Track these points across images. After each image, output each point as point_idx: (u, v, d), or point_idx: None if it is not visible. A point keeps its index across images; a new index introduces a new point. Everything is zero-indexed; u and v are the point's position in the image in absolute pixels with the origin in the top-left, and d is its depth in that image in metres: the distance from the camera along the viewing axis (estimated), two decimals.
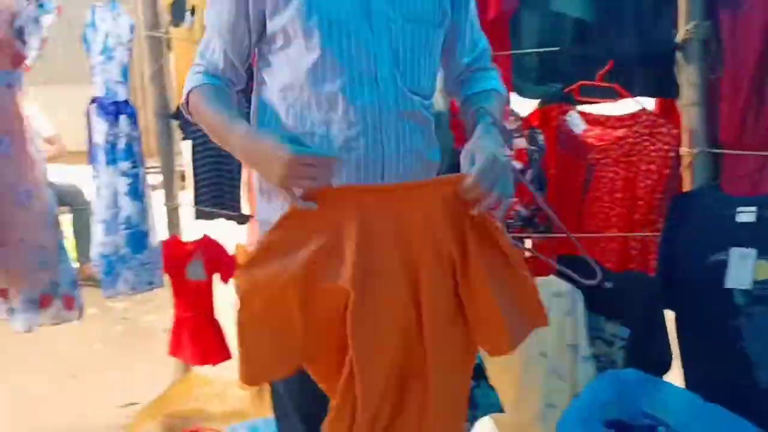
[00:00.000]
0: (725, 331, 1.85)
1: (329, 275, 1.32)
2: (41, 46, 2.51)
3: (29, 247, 2.49)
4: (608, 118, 2.17)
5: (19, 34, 2.42)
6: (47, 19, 2.47)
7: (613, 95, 2.10)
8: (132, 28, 2.65)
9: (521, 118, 2.19)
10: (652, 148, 2.05)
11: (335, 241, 1.33)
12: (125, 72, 2.69)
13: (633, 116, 2.11)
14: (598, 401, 1.85)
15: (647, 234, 2.08)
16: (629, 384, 1.86)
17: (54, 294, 2.65)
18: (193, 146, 2.77)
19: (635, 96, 2.11)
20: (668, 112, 2.19)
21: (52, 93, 6.41)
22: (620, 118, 2.14)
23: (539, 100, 2.34)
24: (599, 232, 2.15)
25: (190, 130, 2.72)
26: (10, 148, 2.43)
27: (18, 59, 2.45)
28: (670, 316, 2.00)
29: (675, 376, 1.97)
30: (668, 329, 1.99)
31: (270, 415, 1.81)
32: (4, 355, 3.68)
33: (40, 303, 2.63)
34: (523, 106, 2.31)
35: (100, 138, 2.75)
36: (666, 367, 1.97)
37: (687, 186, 2.01)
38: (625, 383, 1.87)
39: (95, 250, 2.85)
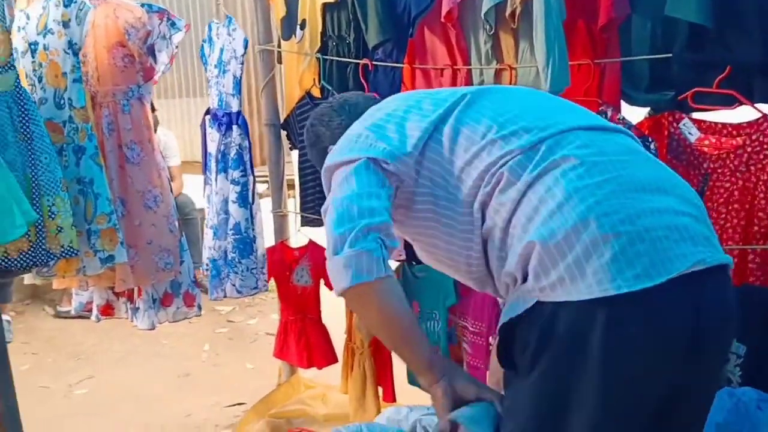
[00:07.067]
0: None
1: None
2: (170, 61, 2.65)
3: (155, 249, 2.64)
4: (724, 126, 2.07)
5: (151, 50, 2.58)
6: (177, 37, 2.60)
7: (731, 102, 2.01)
8: (246, 43, 2.73)
9: (631, 126, 2.13)
10: None
11: None
12: (238, 85, 2.77)
13: (752, 124, 2.01)
14: (712, 421, 1.77)
15: (766, 246, 1.99)
16: (747, 404, 1.78)
17: (176, 293, 2.81)
18: (300, 155, 2.84)
19: (755, 103, 2.01)
20: None
21: (168, 106, 6.76)
22: (738, 126, 2.04)
23: (649, 109, 2.28)
24: None
25: (298, 140, 2.79)
26: (140, 155, 2.58)
27: (149, 74, 2.60)
28: None
29: None
30: None
31: (371, 419, 1.82)
32: (120, 355, 3.90)
33: (162, 301, 2.79)
34: (633, 114, 2.24)
35: (213, 147, 2.87)
36: None
37: None
38: (743, 403, 1.78)
39: (205, 254, 2.97)
